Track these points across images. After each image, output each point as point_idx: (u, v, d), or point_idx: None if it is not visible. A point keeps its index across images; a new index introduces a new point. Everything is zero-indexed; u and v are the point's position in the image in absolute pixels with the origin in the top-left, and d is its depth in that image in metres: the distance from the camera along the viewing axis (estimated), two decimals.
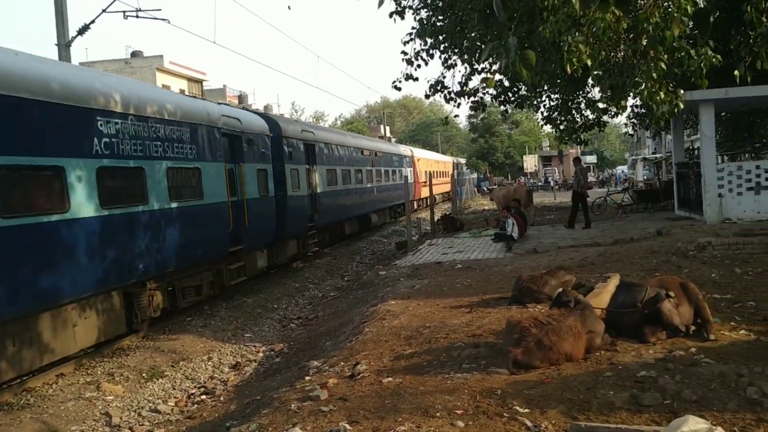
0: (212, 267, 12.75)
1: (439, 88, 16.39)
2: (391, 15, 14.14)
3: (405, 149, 37.83)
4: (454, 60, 16.38)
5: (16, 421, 7.12)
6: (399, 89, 15.96)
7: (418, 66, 15.27)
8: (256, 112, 18.38)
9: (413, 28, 16.33)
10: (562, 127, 21.81)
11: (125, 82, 11.21)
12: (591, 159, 77.09)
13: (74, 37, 16.51)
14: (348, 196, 22.93)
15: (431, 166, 42.51)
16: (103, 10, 17.52)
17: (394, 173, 31.44)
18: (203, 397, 8.40)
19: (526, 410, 4.65)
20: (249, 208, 13.85)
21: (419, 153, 41.83)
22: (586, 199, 18.44)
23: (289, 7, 8.79)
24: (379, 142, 34.36)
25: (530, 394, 4.94)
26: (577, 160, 19.20)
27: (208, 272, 12.61)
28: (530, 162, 73.83)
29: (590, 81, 17.21)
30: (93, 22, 16.82)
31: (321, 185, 19.70)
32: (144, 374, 8.95)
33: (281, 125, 17.10)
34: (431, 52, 15.93)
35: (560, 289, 6.91)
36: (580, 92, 20.66)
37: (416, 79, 15.31)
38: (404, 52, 15.14)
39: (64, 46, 16.13)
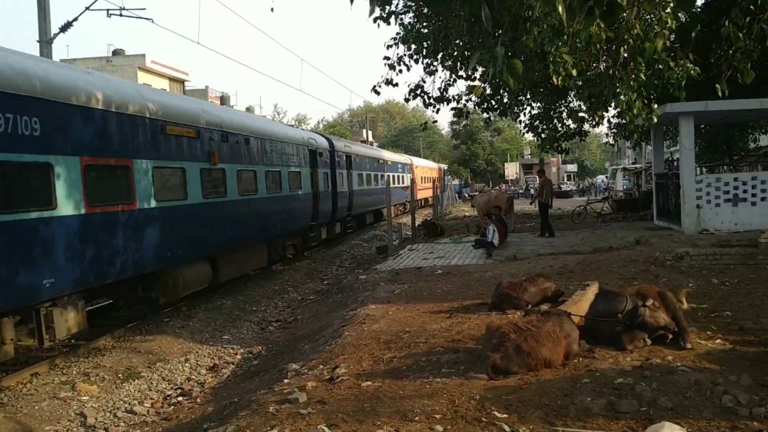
0: (301, 234, 19.47)
1: (418, 92, 16.42)
2: (375, 20, 14.12)
3: (407, 158, 44.86)
4: (436, 66, 16.45)
5: None
6: (378, 93, 15.97)
7: (400, 71, 15.30)
8: (320, 133, 25.88)
9: (397, 33, 16.37)
10: (543, 135, 21.98)
11: (270, 122, 22.17)
12: (572, 168, 77.81)
13: (56, 34, 16.36)
14: (370, 194, 29.56)
15: (426, 173, 49.13)
16: (87, 8, 17.37)
17: (400, 177, 38.48)
18: (180, 398, 8.32)
19: (505, 415, 4.68)
20: (319, 198, 20.47)
21: (417, 161, 47.98)
22: (547, 209, 18.80)
23: (272, 9, 8.80)
24: (390, 153, 41.90)
25: (509, 399, 4.97)
26: (541, 172, 20.21)
27: (299, 237, 19.48)
28: (511, 170, 74.31)
29: (571, 90, 17.35)
30: (76, 19, 16.71)
31: (355, 185, 26.18)
32: (120, 375, 8.85)
33: (334, 143, 24.02)
34: (415, 57, 15.99)
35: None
36: (562, 101, 20.82)
37: (396, 84, 15.33)
38: (387, 57, 15.15)
39: (46, 42, 15.97)
